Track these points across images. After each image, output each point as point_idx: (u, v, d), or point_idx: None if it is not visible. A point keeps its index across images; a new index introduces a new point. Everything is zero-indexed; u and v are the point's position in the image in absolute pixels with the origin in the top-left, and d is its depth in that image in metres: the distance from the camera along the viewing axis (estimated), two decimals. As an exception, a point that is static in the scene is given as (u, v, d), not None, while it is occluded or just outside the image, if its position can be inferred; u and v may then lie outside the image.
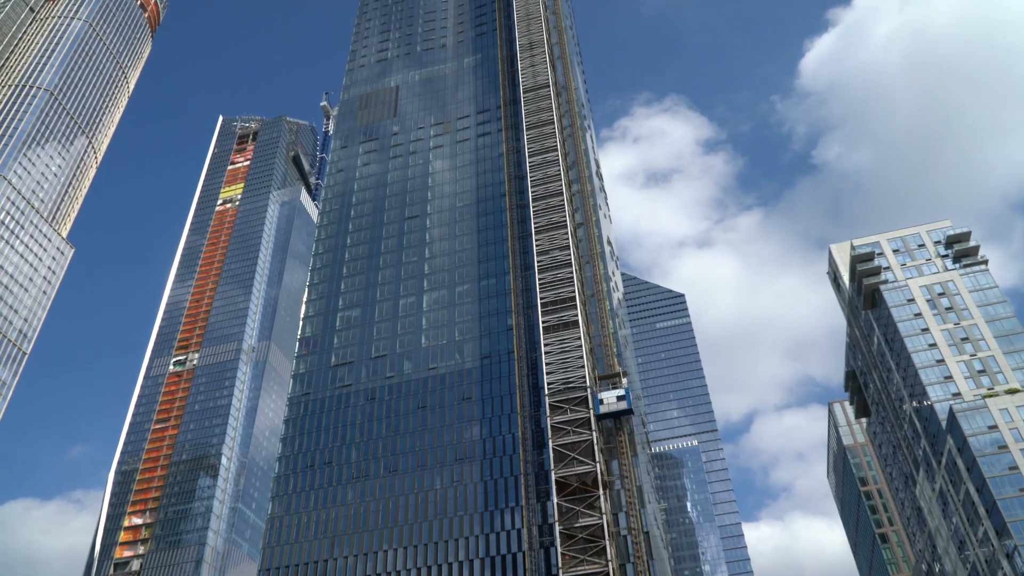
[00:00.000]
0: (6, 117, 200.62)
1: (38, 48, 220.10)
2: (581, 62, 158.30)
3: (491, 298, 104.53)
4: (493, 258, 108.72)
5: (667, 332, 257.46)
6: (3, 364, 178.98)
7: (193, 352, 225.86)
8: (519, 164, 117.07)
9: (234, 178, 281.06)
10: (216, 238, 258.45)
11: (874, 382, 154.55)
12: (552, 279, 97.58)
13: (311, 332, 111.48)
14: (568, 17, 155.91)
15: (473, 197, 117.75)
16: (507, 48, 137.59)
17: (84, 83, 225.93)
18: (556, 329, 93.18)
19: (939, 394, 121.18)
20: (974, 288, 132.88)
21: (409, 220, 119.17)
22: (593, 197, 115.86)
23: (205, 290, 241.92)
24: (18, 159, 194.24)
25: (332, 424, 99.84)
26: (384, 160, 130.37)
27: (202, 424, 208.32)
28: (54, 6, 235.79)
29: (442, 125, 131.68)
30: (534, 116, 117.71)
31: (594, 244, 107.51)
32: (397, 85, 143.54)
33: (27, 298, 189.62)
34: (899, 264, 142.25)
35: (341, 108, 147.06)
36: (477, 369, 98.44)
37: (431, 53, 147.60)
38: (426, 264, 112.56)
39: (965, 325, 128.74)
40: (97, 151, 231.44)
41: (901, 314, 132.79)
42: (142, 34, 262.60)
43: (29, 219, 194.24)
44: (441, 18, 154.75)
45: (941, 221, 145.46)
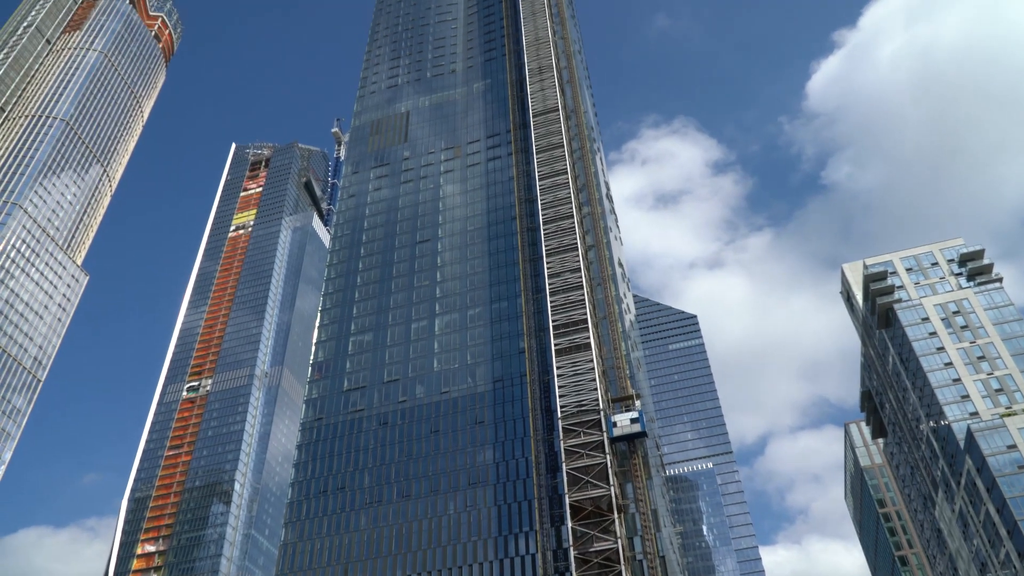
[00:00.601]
0: (23, 147, 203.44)
1: (54, 79, 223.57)
2: (590, 86, 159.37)
3: (503, 321, 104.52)
4: (504, 281, 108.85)
5: (680, 354, 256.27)
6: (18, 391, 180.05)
7: (206, 378, 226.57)
8: (529, 187, 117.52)
9: (247, 204, 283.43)
10: (229, 264, 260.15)
11: (890, 402, 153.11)
12: (564, 301, 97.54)
13: (323, 357, 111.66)
14: (576, 42, 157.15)
15: (484, 220, 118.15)
16: (516, 73, 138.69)
17: (99, 112, 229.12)
18: (568, 352, 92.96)
19: (956, 413, 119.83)
20: (989, 306, 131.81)
21: (420, 244, 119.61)
22: (603, 219, 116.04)
23: (218, 316, 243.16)
24: (34, 188, 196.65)
25: (345, 449, 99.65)
26: (395, 185, 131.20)
27: (215, 450, 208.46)
28: (70, 37, 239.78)
29: (452, 150, 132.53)
30: (544, 140, 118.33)
31: (605, 266, 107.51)
32: (407, 111, 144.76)
33: (42, 325, 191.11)
34: (912, 283, 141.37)
35: (352, 134, 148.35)
36: (489, 392, 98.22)
37: (441, 79, 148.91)
38: (438, 288, 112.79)
39: (981, 343, 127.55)
40: (112, 179, 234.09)
41: (916, 333, 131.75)
42: (156, 64, 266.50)
43: (44, 247, 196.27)
44: (451, 44, 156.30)
45: (954, 239, 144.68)
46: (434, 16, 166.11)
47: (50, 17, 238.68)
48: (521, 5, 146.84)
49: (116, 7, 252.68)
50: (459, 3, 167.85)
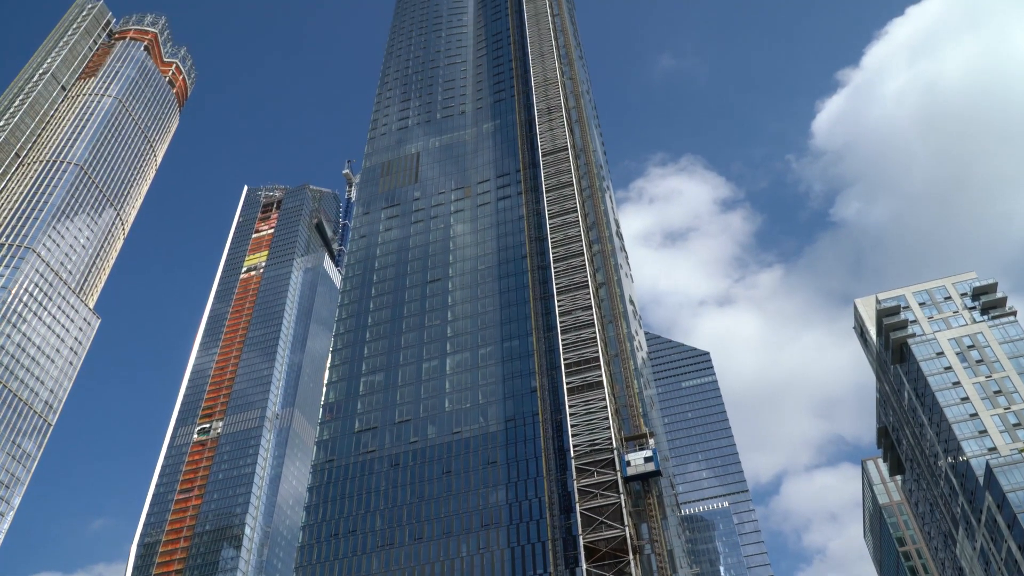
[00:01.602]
0: (37, 191, 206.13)
1: (70, 124, 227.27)
2: (599, 125, 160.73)
3: (514, 360, 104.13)
4: (515, 319, 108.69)
5: (693, 391, 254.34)
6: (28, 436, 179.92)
7: (217, 420, 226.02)
8: (539, 226, 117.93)
9: (258, 246, 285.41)
10: (241, 306, 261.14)
11: (907, 438, 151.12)
12: (575, 339, 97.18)
13: (334, 398, 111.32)
14: (585, 82, 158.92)
15: (495, 259, 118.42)
16: (525, 113, 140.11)
17: (113, 157, 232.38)
18: (581, 390, 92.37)
19: (974, 449, 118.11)
20: (1004, 340, 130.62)
21: (431, 284, 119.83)
22: (614, 257, 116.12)
23: (229, 358, 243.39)
24: (47, 232, 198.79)
25: (356, 491, 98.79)
26: (406, 225, 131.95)
27: (225, 494, 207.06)
28: (85, 84, 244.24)
29: (462, 190, 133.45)
30: (553, 178, 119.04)
31: (616, 303, 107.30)
32: (418, 152, 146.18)
33: (54, 369, 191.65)
34: (926, 317, 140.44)
35: (363, 175, 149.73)
36: (502, 432, 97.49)
37: (451, 120, 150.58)
38: (449, 327, 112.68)
39: (997, 378, 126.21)
40: (125, 222, 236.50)
41: (931, 368, 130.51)
42: (170, 109, 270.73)
43: (57, 291, 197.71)
44: (460, 86, 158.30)
45: (966, 273, 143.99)
46: (443, 59, 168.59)
47: (66, 64, 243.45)
48: (530, 47, 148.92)
49: (131, 54, 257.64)
50: (468, 46, 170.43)
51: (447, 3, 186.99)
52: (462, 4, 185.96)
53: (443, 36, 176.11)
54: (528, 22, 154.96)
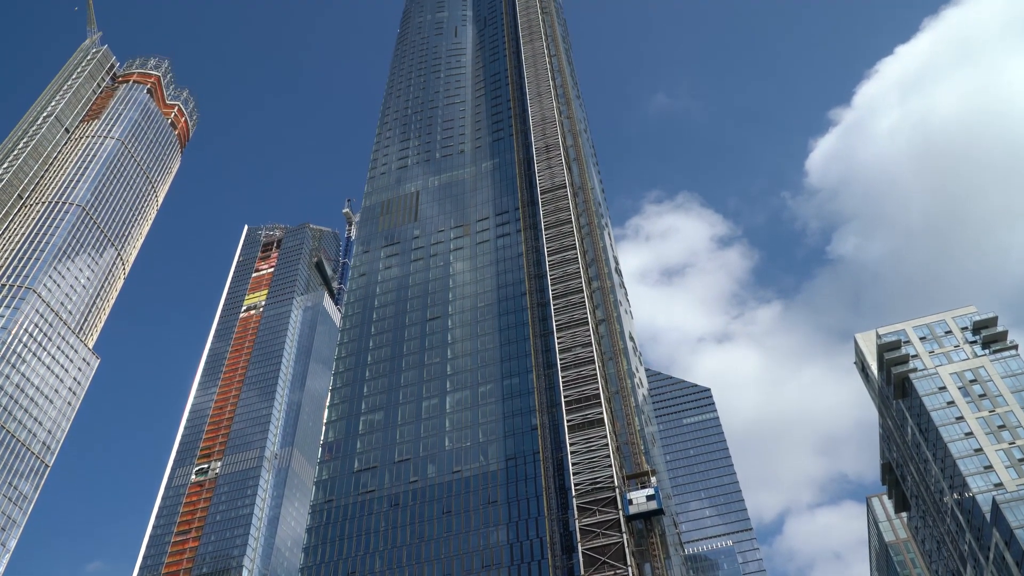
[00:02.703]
0: (39, 232, 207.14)
1: (72, 166, 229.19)
2: (596, 163, 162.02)
3: (514, 397, 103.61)
4: (515, 357, 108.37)
5: (694, 428, 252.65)
6: (25, 478, 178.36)
7: (216, 460, 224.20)
8: (539, 263, 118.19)
9: (258, 285, 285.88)
10: (240, 345, 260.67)
11: (911, 474, 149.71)
12: (575, 377, 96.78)
13: (334, 437, 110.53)
14: (582, 121, 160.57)
15: (494, 297, 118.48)
16: (524, 152, 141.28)
17: (115, 198, 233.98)
18: (581, 428, 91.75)
19: (980, 485, 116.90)
20: (1006, 374, 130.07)
21: (431, 321, 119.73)
22: (613, 293, 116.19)
23: (228, 397, 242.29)
24: (48, 272, 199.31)
25: (355, 532, 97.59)
26: (405, 263, 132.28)
27: (223, 535, 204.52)
28: (89, 126, 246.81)
29: (462, 228, 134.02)
30: (552, 216, 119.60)
31: (616, 340, 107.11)
32: (417, 190, 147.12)
33: (52, 410, 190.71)
34: (927, 352, 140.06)
35: (363, 214, 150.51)
36: (502, 471, 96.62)
37: (450, 159, 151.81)
38: (448, 365, 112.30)
39: (1001, 412, 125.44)
40: (125, 262, 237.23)
41: (933, 402, 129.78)
42: (172, 150, 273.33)
43: (57, 331, 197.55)
44: (459, 125, 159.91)
45: (966, 307, 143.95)
46: (443, 99, 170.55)
47: (70, 107, 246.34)
48: (527, 87, 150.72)
49: (134, 97, 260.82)
50: (467, 86, 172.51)
51: (446, 45, 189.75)
52: (461, 46, 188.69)
53: (442, 77, 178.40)
54: (526, 63, 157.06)
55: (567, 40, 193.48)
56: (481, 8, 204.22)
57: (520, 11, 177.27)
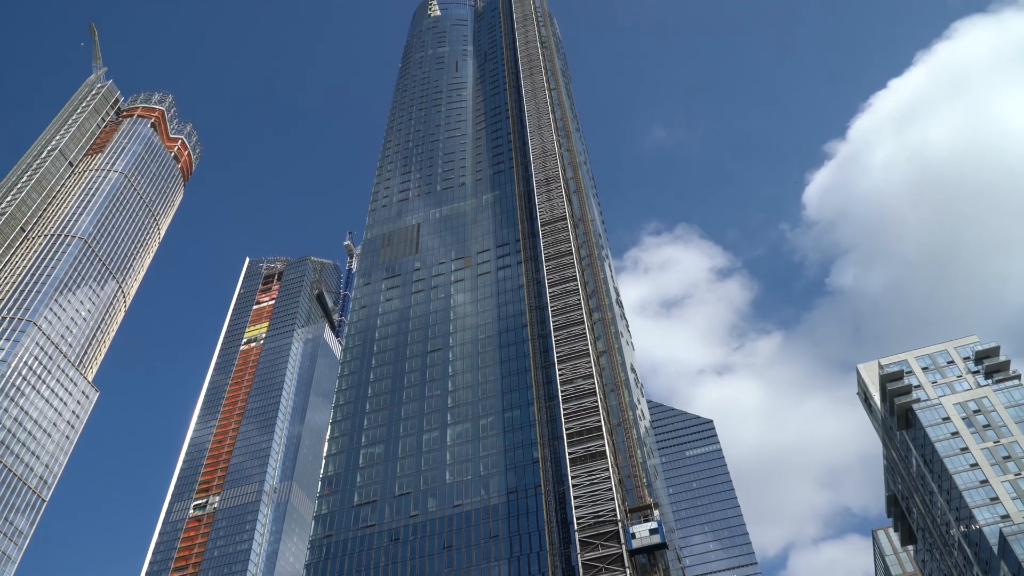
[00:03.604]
0: (41, 265, 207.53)
1: (75, 199, 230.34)
2: (596, 195, 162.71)
3: (516, 430, 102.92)
4: (517, 389, 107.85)
5: (697, 460, 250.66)
6: (21, 512, 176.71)
7: (214, 495, 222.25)
8: (539, 295, 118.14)
9: (259, 317, 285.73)
10: (240, 377, 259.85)
11: (917, 506, 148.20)
12: (577, 409, 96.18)
13: (333, 471, 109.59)
14: (582, 153, 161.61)
15: (495, 329, 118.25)
16: (524, 184, 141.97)
17: (117, 231, 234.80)
18: (583, 460, 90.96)
19: (987, 517, 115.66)
20: (1010, 404, 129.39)
21: (431, 354, 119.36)
22: (614, 324, 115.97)
23: (228, 430, 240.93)
24: (49, 305, 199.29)
25: (355, 568, 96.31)
26: (406, 295, 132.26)
27: (221, 571, 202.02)
28: (92, 159, 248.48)
29: (463, 259, 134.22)
30: (552, 248, 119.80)
31: (618, 372, 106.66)
32: (418, 223, 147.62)
33: (50, 443, 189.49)
34: (930, 382, 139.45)
35: (364, 246, 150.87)
36: (503, 505, 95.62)
37: (451, 192, 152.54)
38: (449, 397, 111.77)
39: (1005, 443, 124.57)
40: (126, 295, 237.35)
41: (937, 433, 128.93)
42: (175, 183, 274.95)
43: (56, 363, 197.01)
44: (460, 158, 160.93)
45: (968, 337, 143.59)
46: (443, 132, 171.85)
47: (74, 141, 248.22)
48: (528, 120, 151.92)
49: (138, 131, 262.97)
50: (468, 120, 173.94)
51: (447, 79, 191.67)
52: (462, 80, 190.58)
53: (443, 110, 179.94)
54: (526, 96, 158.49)
55: (566, 74, 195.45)
56: (481, 43, 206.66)
57: (520, 46, 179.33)
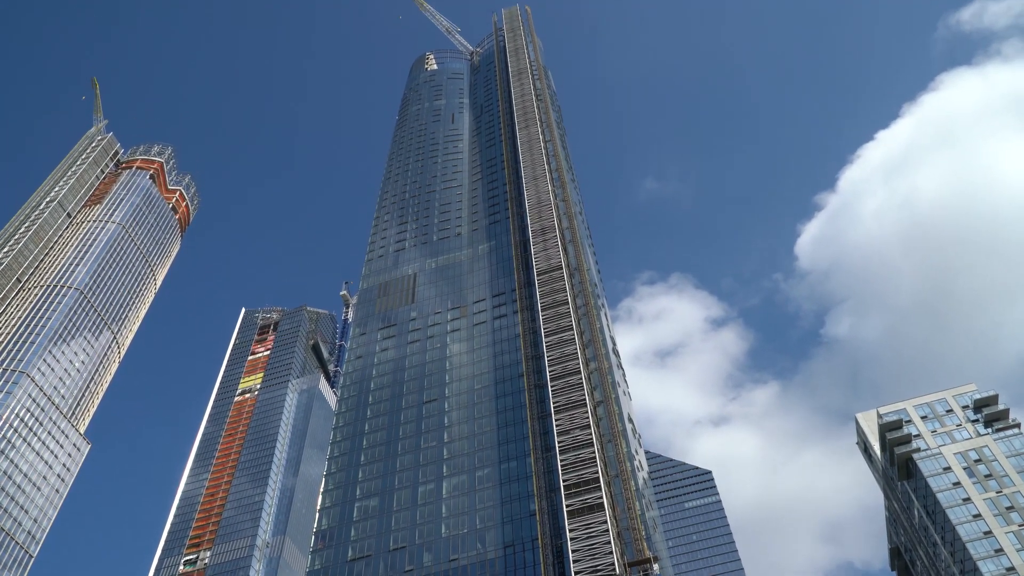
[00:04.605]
0: (35, 316, 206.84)
1: (72, 250, 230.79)
2: (592, 244, 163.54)
3: (512, 482, 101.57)
4: (513, 440, 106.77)
5: (696, 512, 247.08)
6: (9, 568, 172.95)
7: (205, 550, 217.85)
8: (536, 344, 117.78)
9: (254, 368, 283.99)
10: (234, 429, 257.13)
11: (921, 559, 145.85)
12: (574, 460, 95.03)
13: (327, 524, 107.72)
14: (577, 203, 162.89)
15: (491, 379, 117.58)
16: (520, 234, 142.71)
17: (113, 282, 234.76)
18: (581, 513, 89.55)
19: (992, 568, 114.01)
20: (1011, 453, 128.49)
21: (427, 404, 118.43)
22: (611, 374, 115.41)
23: (220, 483, 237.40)
24: (43, 356, 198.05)
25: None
26: (402, 345, 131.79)
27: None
28: (91, 211, 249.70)
29: (459, 309, 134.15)
30: (549, 297, 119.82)
31: (615, 422, 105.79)
32: (414, 273, 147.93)
33: (39, 497, 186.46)
34: (929, 431, 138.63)
35: (360, 296, 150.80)
36: (500, 559, 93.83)
37: (447, 241, 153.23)
38: (445, 449, 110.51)
39: (1008, 493, 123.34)
40: (121, 346, 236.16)
41: (939, 483, 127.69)
42: (172, 234, 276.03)
43: (48, 416, 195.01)
44: (456, 209, 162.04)
45: (966, 385, 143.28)
46: (440, 183, 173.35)
47: (73, 192, 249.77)
48: (523, 171, 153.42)
49: (137, 182, 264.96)
50: (464, 171, 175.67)
51: (443, 131, 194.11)
52: (458, 132, 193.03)
53: (439, 161, 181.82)
54: (521, 148, 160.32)
55: (561, 126, 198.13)
56: (477, 96, 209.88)
57: (516, 99, 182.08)
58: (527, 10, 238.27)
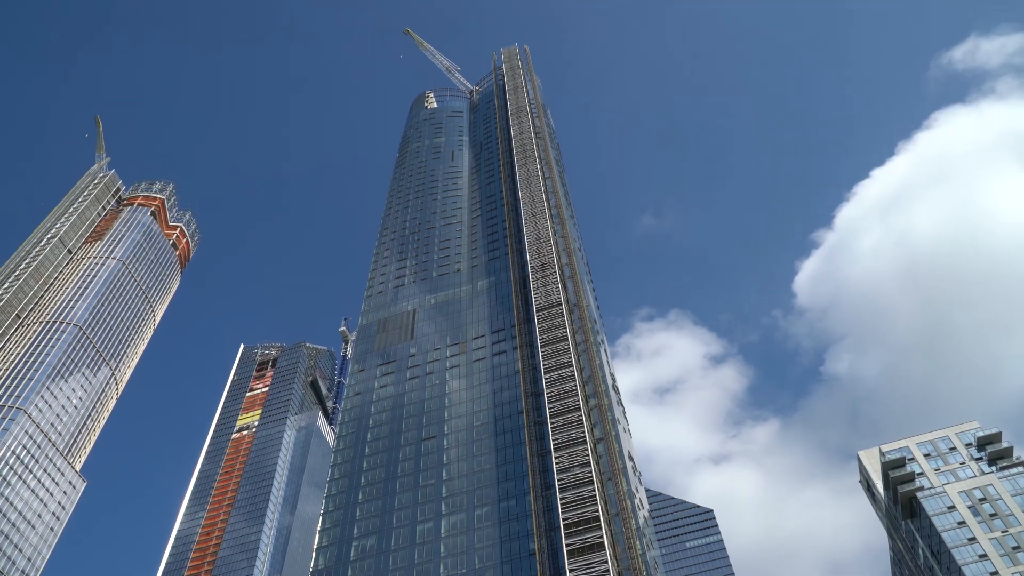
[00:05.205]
0: (34, 352, 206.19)
1: (72, 286, 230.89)
2: (591, 280, 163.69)
3: (512, 521, 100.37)
4: (513, 478, 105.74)
5: (698, 552, 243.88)
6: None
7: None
8: (535, 381, 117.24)
9: (252, 404, 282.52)
10: (231, 466, 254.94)
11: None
12: (574, 498, 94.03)
13: (324, 564, 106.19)
14: (576, 240, 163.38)
15: (490, 416, 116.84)
16: (519, 270, 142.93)
17: (113, 318, 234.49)
18: (581, 552, 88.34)
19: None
20: (1016, 492, 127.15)
21: (426, 441, 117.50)
22: (611, 411, 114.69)
23: (216, 521, 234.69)
24: (40, 393, 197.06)
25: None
26: (401, 382, 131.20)
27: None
28: (91, 247, 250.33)
29: (458, 345, 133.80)
30: (548, 333, 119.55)
31: (615, 460, 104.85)
32: (414, 309, 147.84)
33: (33, 536, 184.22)
34: (933, 469, 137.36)
35: (359, 333, 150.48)
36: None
37: (446, 278, 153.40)
38: (444, 486, 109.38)
39: (1014, 532, 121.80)
40: (119, 382, 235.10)
41: (944, 523, 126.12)
42: (172, 270, 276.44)
43: (45, 453, 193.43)
44: (455, 245, 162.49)
45: (969, 422, 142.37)
46: (439, 219, 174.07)
47: (74, 229, 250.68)
48: (522, 207, 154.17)
49: (138, 219, 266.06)
50: (463, 207, 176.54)
51: (443, 168, 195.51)
52: (457, 169, 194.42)
53: (439, 198, 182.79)
54: (520, 184, 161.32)
55: (560, 163, 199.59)
56: (477, 134, 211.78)
57: (515, 136, 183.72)
58: (526, 49, 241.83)
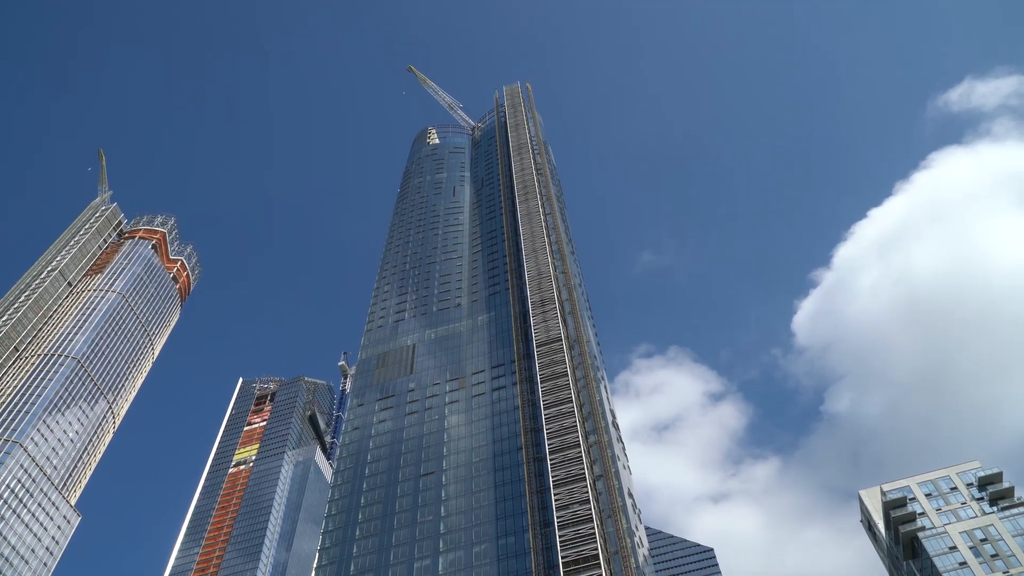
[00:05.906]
0: (31, 385, 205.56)
1: (72, 319, 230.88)
2: (591, 316, 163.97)
3: (510, 558, 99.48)
4: (511, 515, 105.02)
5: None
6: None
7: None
8: (535, 416, 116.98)
9: (249, 439, 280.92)
10: (227, 502, 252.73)
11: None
12: (573, 535, 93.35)
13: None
14: (577, 275, 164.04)
15: (489, 451, 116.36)
16: (520, 305, 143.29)
17: (111, 351, 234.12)
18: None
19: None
20: (1017, 532, 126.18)
21: (424, 477, 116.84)
22: (611, 448, 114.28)
23: (211, 558, 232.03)
24: (37, 426, 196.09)
25: None
26: (400, 416, 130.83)
27: None
28: (92, 280, 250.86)
29: (457, 380, 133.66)
30: (548, 369, 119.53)
31: (615, 497, 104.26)
32: (413, 343, 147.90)
33: (27, 571, 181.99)
34: (934, 509, 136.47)
35: (358, 367, 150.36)
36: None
37: (446, 312, 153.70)
38: (442, 523, 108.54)
39: (1015, 573, 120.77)
40: (116, 415, 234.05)
41: (945, 563, 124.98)
42: (172, 303, 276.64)
43: (40, 487, 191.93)
44: (456, 280, 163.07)
45: (970, 462, 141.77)
46: (440, 255, 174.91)
47: (74, 261, 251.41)
48: (523, 243, 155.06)
49: (139, 252, 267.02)
50: (464, 243, 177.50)
51: (444, 203, 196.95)
52: (459, 204, 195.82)
53: (440, 233, 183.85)
54: (521, 220, 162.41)
55: (561, 200, 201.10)
56: (478, 170, 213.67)
57: (516, 173, 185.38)
58: (528, 87, 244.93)
